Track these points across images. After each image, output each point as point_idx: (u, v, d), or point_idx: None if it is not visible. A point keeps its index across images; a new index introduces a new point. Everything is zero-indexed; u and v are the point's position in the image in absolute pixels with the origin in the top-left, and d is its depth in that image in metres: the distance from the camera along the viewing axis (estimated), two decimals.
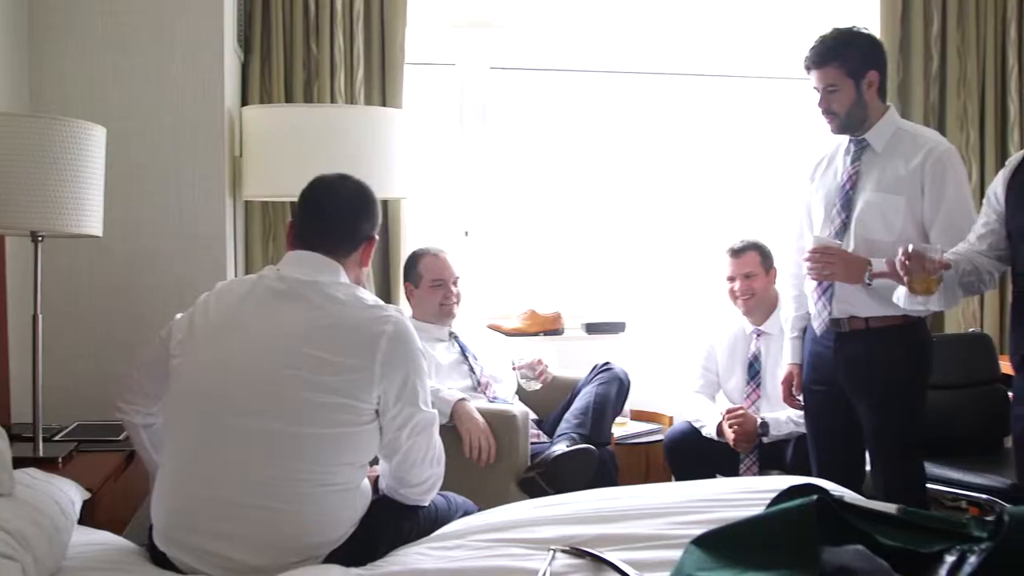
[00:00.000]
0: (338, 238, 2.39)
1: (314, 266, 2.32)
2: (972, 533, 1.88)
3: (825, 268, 3.05)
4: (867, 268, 3.00)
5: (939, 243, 3.01)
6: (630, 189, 4.81)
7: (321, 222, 2.40)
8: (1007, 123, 4.66)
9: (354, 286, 2.36)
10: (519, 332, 4.39)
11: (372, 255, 2.52)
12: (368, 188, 2.48)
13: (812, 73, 3.13)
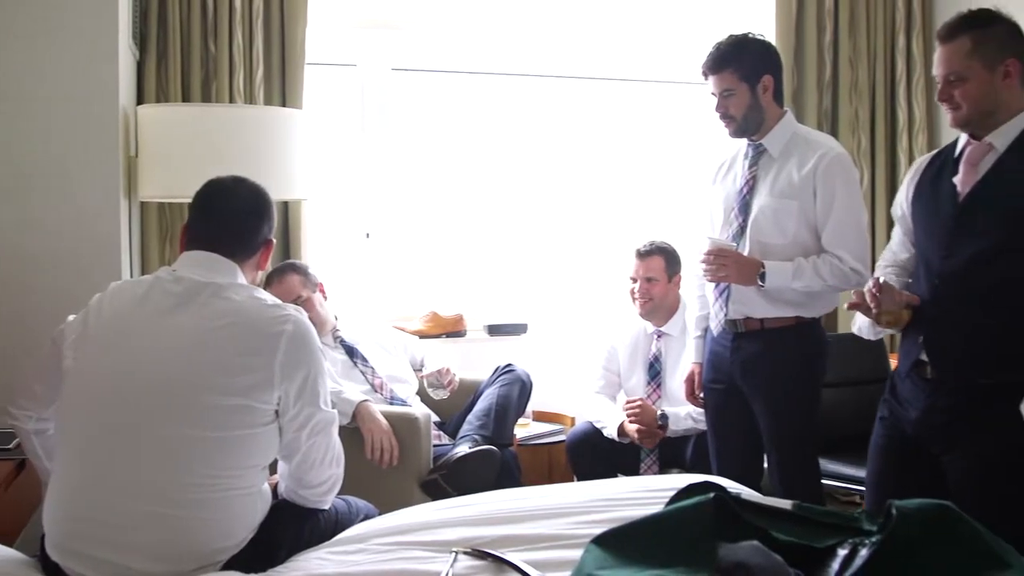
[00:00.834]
0: (235, 243, 2.34)
1: (211, 267, 2.28)
2: (863, 527, 1.93)
3: (719, 270, 3.12)
4: (759, 270, 3.08)
5: (829, 246, 3.10)
6: (531, 191, 4.84)
7: (217, 227, 2.36)
8: (896, 128, 4.81)
9: (252, 287, 2.33)
10: (421, 334, 4.37)
11: (270, 258, 2.49)
12: (264, 191, 2.44)
13: (709, 78, 3.19)
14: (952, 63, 2.51)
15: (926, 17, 4.79)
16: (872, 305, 2.57)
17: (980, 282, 2.51)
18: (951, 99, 2.53)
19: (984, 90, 2.49)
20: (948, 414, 2.55)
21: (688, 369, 3.53)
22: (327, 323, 3.80)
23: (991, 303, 2.50)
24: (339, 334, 3.82)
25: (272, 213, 2.45)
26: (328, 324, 3.81)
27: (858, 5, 4.72)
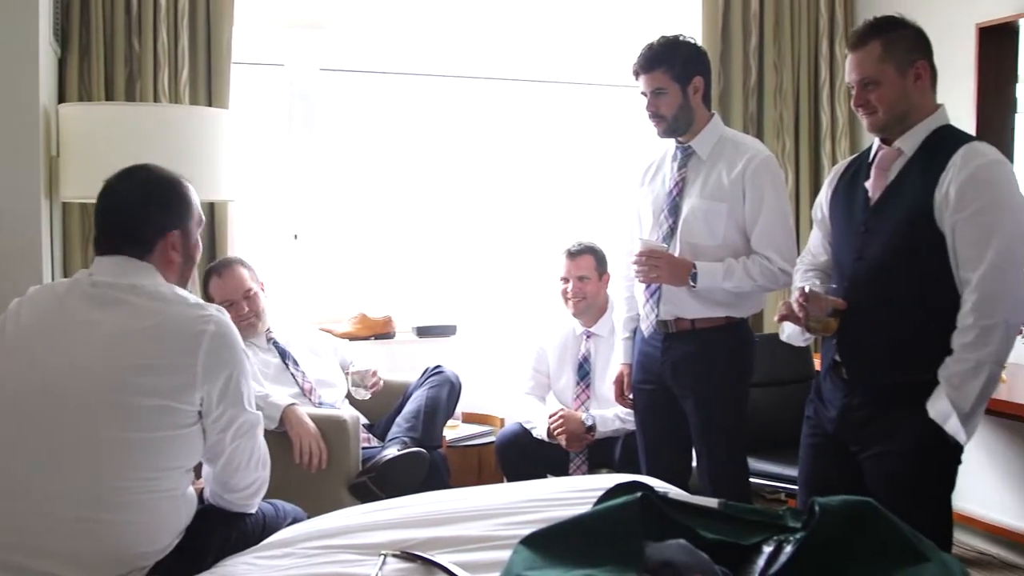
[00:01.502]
0: (130, 241, 2.27)
1: (125, 269, 2.24)
2: (788, 524, 1.96)
3: (652, 271, 3.15)
4: (691, 270, 3.12)
5: (759, 247, 3.15)
6: (460, 192, 4.83)
7: (110, 228, 2.30)
8: (820, 132, 4.90)
9: (172, 286, 2.28)
10: (350, 336, 4.35)
11: (194, 250, 2.40)
12: (160, 178, 2.35)
13: (640, 78, 3.22)
14: (865, 68, 2.57)
15: (848, 23, 4.88)
16: (800, 314, 2.61)
17: (888, 284, 2.57)
18: (867, 104, 2.59)
19: (898, 93, 2.55)
20: (862, 413, 2.61)
21: (617, 370, 3.56)
22: (266, 320, 3.78)
23: (898, 305, 2.56)
24: (272, 336, 3.79)
25: (172, 200, 2.33)
26: (267, 323, 3.78)
27: (783, 11, 4.80)
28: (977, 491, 4.30)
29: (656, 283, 3.23)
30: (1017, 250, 2.46)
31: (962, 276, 2.47)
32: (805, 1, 4.84)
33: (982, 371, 2.44)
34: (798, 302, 2.61)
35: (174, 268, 2.33)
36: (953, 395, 2.45)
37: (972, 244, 2.44)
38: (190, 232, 2.37)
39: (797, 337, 2.82)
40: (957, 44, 4.18)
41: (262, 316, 3.73)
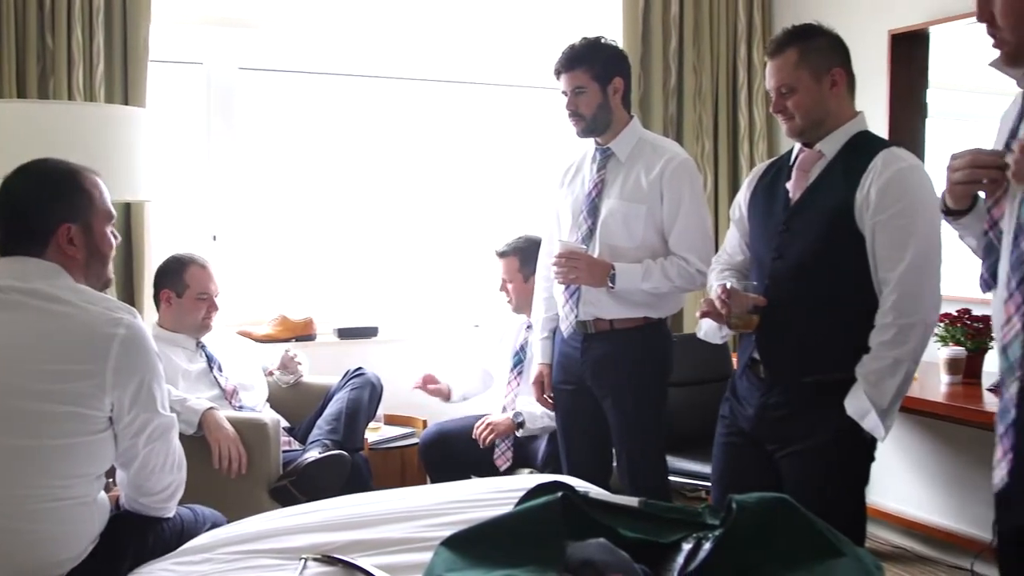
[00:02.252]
0: (25, 239, 2.19)
1: (28, 270, 2.17)
2: (706, 521, 1.99)
3: (571, 272, 3.18)
4: (610, 272, 3.15)
5: (676, 248, 3.19)
6: (380, 193, 4.81)
7: (2, 222, 2.23)
8: (738, 134, 4.97)
9: (80, 287, 2.21)
10: (270, 339, 4.30)
11: (102, 246, 2.31)
12: (56, 170, 2.26)
13: (561, 77, 3.25)
14: (782, 75, 2.62)
15: (766, 28, 4.97)
16: (722, 311, 2.65)
17: (806, 284, 2.61)
18: (785, 110, 2.64)
19: (814, 99, 2.60)
20: (780, 411, 2.65)
21: (537, 369, 3.58)
22: None
23: (816, 304, 2.61)
24: (201, 340, 3.73)
25: (65, 192, 2.24)
26: None
27: (702, 15, 4.86)
28: (891, 487, 4.40)
29: (575, 284, 3.25)
30: (933, 252, 2.53)
31: (881, 276, 2.53)
32: (724, 5, 4.91)
33: (900, 369, 2.50)
34: (720, 298, 2.64)
35: (76, 265, 2.24)
36: (871, 392, 2.50)
37: (891, 245, 2.50)
38: (92, 226, 2.27)
39: (714, 334, 2.85)
40: (871, 50, 4.27)
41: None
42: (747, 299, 2.65)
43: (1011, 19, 1.83)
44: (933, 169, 4.09)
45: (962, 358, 3.75)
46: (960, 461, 4.17)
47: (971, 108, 4.25)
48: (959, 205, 2.09)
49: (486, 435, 3.83)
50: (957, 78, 4.30)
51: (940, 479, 4.26)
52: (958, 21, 4.07)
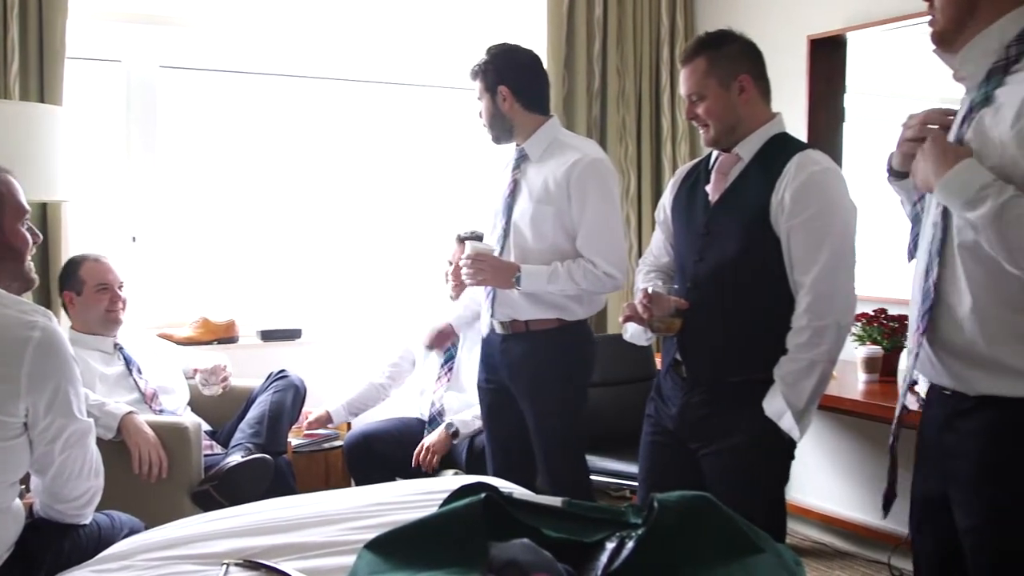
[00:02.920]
0: None
1: None
2: (630, 520, 2.00)
3: (477, 273, 3.19)
4: (516, 273, 3.16)
5: (584, 250, 3.19)
6: (303, 193, 4.76)
7: None
8: (661, 136, 5.02)
9: None
10: (191, 341, 4.24)
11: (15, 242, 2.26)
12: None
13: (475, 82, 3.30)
14: (691, 83, 2.66)
15: (688, 31, 5.03)
16: (644, 315, 2.67)
17: (726, 286, 2.65)
18: (697, 117, 2.67)
19: (723, 106, 2.63)
20: (701, 411, 2.68)
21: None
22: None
23: (736, 306, 2.64)
24: (119, 342, 3.67)
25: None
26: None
27: (625, 18, 4.90)
28: (811, 483, 4.47)
29: (482, 286, 3.27)
30: (847, 254, 2.57)
31: (796, 279, 2.57)
32: (647, 9, 4.96)
33: (815, 370, 2.53)
34: (642, 303, 2.66)
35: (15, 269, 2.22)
36: (788, 393, 2.54)
37: (805, 248, 2.53)
38: (2, 223, 2.23)
39: (640, 337, 2.87)
40: (790, 55, 4.35)
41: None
42: (669, 302, 2.67)
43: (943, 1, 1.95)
44: (851, 172, 4.22)
45: (879, 357, 3.83)
46: (878, 457, 4.25)
47: (888, 113, 4.34)
48: (904, 166, 2.15)
49: (429, 459, 3.82)
50: (874, 83, 4.39)
51: (858, 475, 4.35)
52: (875, 27, 4.16)
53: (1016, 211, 1.80)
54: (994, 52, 1.94)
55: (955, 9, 1.97)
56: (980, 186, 1.84)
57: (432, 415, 4.03)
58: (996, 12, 1.94)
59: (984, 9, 1.95)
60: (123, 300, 3.66)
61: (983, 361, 1.97)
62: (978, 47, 1.96)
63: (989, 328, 1.96)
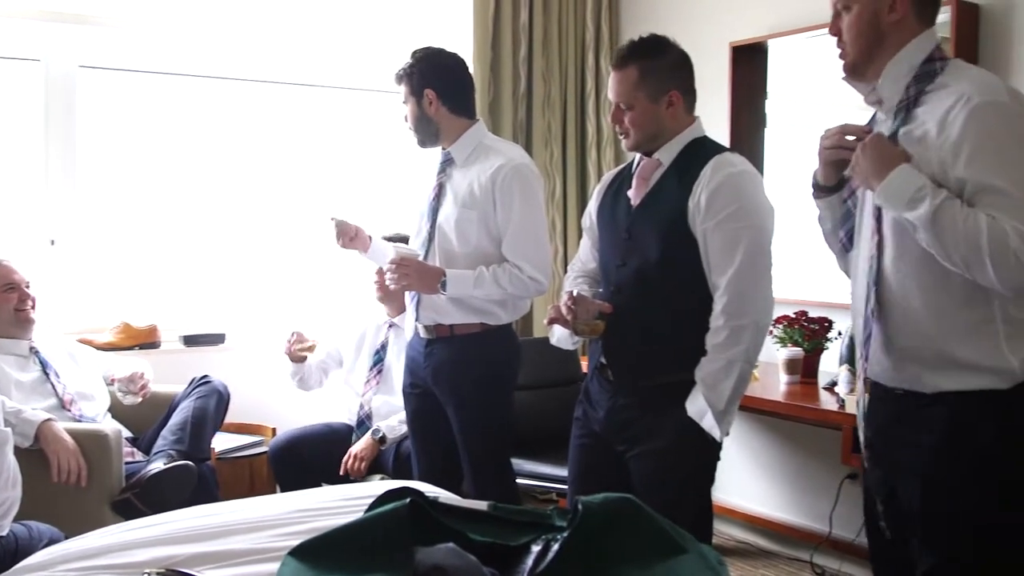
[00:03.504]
0: None
1: None
2: (555, 523, 2.02)
3: (401, 278, 3.18)
4: (441, 278, 3.16)
5: (509, 255, 3.20)
6: (226, 196, 4.70)
7: None
8: (586, 141, 5.06)
9: None
10: (112, 347, 4.17)
11: None
12: None
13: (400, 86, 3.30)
14: (620, 92, 2.68)
15: (613, 37, 5.08)
16: (568, 317, 2.68)
17: (648, 289, 2.68)
18: (621, 123, 2.70)
19: (649, 117, 2.66)
20: (627, 413, 2.71)
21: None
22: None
23: (658, 309, 2.68)
24: (34, 346, 3.59)
25: None
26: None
27: (551, 23, 4.93)
28: (735, 483, 4.54)
29: (408, 291, 3.26)
30: (763, 255, 2.62)
31: (713, 280, 2.61)
32: (572, 15, 4.99)
33: (734, 369, 2.58)
34: (566, 305, 2.68)
35: None
36: (708, 394, 2.58)
37: (721, 249, 2.58)
38: None
39: (566, 340, 2.89)
40: (713, 61, 4.41)
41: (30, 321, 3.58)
42: (593, 305, 2.69)
43: (851, 34, 2.12)
44: (772, 176, 4.30)
45: (799, 358, 3.90)
46: (800, 457, 4.33)
47: (808, 118, 4.42)
48: (828, 181, 2.28)
49: (357, 466, 3.81)
50: (795, 89, 4.47)
51: (781, 475, 4.42)
52: (796, 35, 4.23)
53: (950, 211, 1.93)
54: (905, 76, 2.10)
55: (865, 42, 2.12)
56: (917, 187, 1.97)
57: (361, 418, 4.02)
58: (902, 40, 2.11)
59: (891, 39, 2.11)
60: (32, 299, 3.59)
61: (936, 359, 2.08)
62: (891, 74, 2.12)
63: (939, 325, 2.07)
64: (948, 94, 2.02)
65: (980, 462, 2.06)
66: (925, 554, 2.13)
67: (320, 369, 4.22)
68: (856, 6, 2.11)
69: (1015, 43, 3.55)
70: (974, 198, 1.95)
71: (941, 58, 2.11)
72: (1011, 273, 1.91)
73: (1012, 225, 1.90)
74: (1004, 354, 2.04)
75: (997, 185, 1.93)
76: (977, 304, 2.04)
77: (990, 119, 1.97)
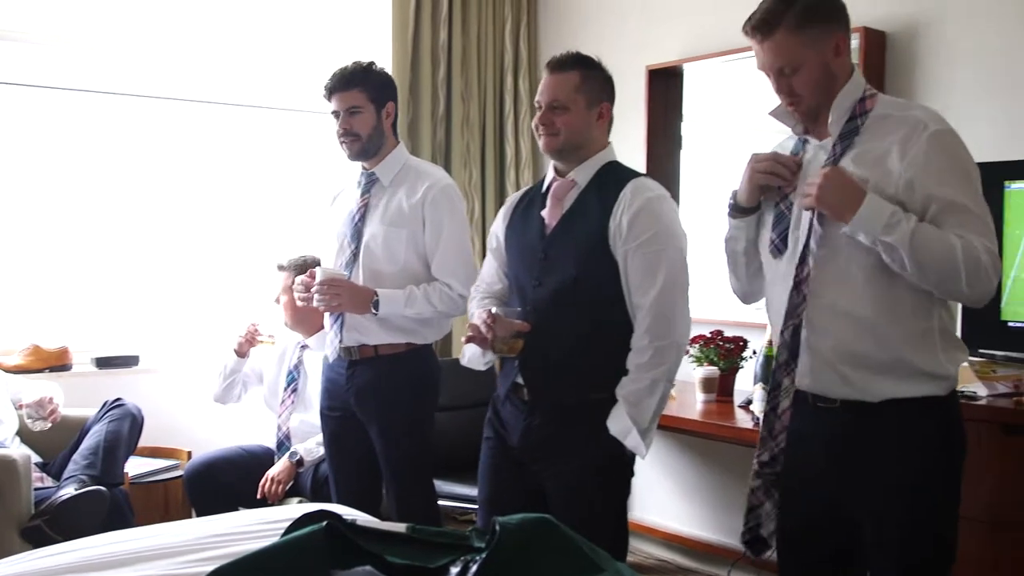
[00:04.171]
0: None
1: None
2: (473, 544, 2.01)
3: (332, 299, 3.16)
4: (373, 298, 3.15)
5: (439, 273, 3.21)
6: (139, 216, 4.61)
7: None
8: (504, 162, 5.09)
9: None
10: (21, 369, 4.07)
11: None
12: None
13: (335, 97, 3.23)
14: (559, 91, 2.70)
15: (532, 59, 5.13)
16: (488, 336, 2.68)
17: (566, 308, 2.69)
18: (551, 125, 2.70)
19: (582, 123, 2.70)
20: (544, 432, 2.71)
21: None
22: None
23: (577, 328, 2.69)
24: None
25: None
26: None
27: (470, 45, 4.95)
28: (652, 501, 4.58)
29: (338, 312, 3.23)
30: (683, 276, 2.68)
31: (635, 301, 2.65)
32: (491, 37, 5.03)
33: (657, 388, 2.63)
34: (485, 323, 2.69)
35: None
36: (632, 412, 2.61)
37: (643, 271, 2.62)
38: None
39: (477, 361, 2.88)
40: (630, 84, 4.46)
41: None
42: (511, 325, 2.70)
43: (808, 89, 2.24)
44: (687, 198, 4.37)
45: (715, 377, 3.96)
46: (715, 475, 4.39)
47: (722, 141, 4.50)
48: (751, 202, 2.38)
49: (275, 490, 3.77)
50: (709, 112, 4.55)
51: (698, 493, 4.47)
52: (710, 59, 4.31)
53: (923, 232, 2.08)
54: (847, 110, 2.25)
55: (821, 90, 2.25)
56: (891, 212, 2.10)
57: (279, 440, 3.99)
58: (843, 80, 2.26)
59: (840, 78, 2.25)
60: None
61: (890, 365, 2.19)
62: (838, 109, 2.25)
63: (892, 332, 2.19)
64: (898, 122, 2.19)
65: (932, 468, 2.20)
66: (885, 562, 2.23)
67: (243, 381, 4.16)
68: (805, 65, 2.21)
69: (918, 68, 3.67)
70: (939, 216, 2.10)
71: (869, 89, 2.27)
72: (983, 287, 2.10)
73: (980, 242, 2.07)
74: (942, 362, 2.20)
75: (963, 204, 2.10)
76: (921, 315, 2.19)
77: (949, 144, 2.15)
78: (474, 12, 4.97)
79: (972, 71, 3.51)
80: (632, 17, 4.75)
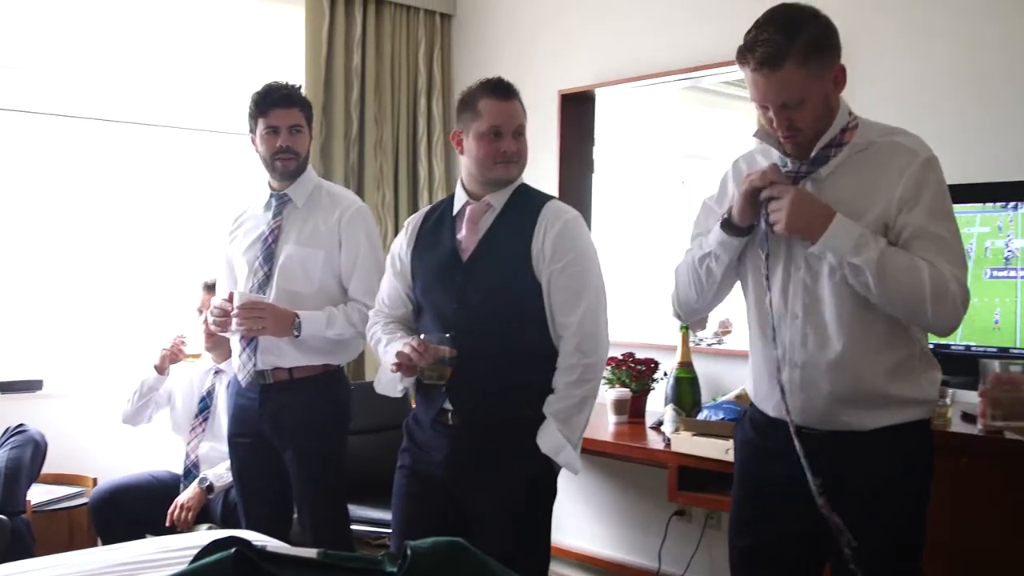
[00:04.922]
0: None
1: None
2: (385, 569, 1.99)
3: (255, 323, 3.12)
4: (295, 320, 3.12)
5: (356, 294, 3.20)
6: (43, 236, 4.49)
7: None
8: (418, 184, 5.10)
9: None
10: None
11: None
12: None
13: (274, 112, 3.20)
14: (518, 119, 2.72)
15: (445, 82, 5.15)
16: (419, 363, 2.65)
17: (491, 330, 2.69)
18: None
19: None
20: (470, 455, 2.69)
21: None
22: None
23: (501, 349, 2.69)
24: None
25: None
26: None
27: (383, 67, 4.96)
28: (568, 523, 4.59)
29: (260, 335, 3.19)
30: (603, 296, 2.73)
31: (560, 320, 2.67)
32: (405, 59, 5.04)
33: (586, 405, 2.68)
34: (416, 351, 2.63)
35: None
36: (564, 429, 2.64)
37: (568, 291, 2.66)
38: None
39: (392, 388, 2.84)
40: (543, 109, 4.52)
41: None
42: (440, 351, 2.65)
43: (810, 120, 2.18)
44: (600, 220, 4.42)
45: (627, 399, 3.99)
46: (629, 496, 4.42)
47: (632, 164, 4.56)
48: (745, 220, 2.30)
49: (184, 517, 3.70)
50: (620, 136, 4.61)
51: (611, 513, 4.50)
52: (622, 84, 4.37)
53: (892, 255, 2.10)
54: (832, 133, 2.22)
55: (822, 121, 2.21)
56: (859, 233, 2.11)
57: (187, 467, 3.91)
58: (836, 109, 2.23)
59: (835, 113, 2.23)
60: None
61: (871, 400, 2.22)
62: (826, 139, 2.22)
63: (867, 368, 2.21)
64: (887, 148, 2.20)
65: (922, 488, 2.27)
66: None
67: (155, 402, 4.08)
68: (810, 98, 2.15)
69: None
70: (913, 241, 2.12)
71: (852, 120, 2.26)
72: (948, 316, 2.12)
73: (951, 271, 2.10)
74: (923, 386, 2.26)
75: (939, 232, 2.12)
76: (899, 344, 2.22)
77: (937, 172, 2.17)
78: (388, 35, 4.99)
79: (884, 93, 3.52)
80: (545, 42, 4.80)
